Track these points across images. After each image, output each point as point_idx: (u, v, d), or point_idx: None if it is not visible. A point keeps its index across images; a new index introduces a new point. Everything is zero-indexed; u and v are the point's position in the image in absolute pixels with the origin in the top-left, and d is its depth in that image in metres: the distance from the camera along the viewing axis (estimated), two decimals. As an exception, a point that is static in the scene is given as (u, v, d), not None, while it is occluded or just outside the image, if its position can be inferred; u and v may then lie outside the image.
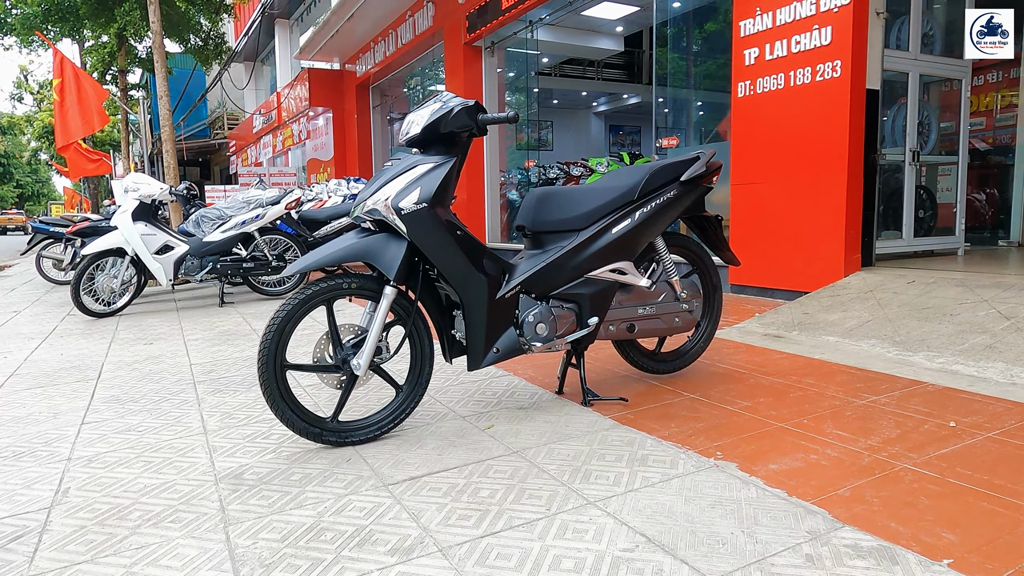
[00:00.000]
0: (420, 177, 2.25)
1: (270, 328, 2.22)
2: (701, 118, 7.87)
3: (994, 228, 7.70)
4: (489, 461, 2.16)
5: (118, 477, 2.18)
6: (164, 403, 3.02)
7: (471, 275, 2.35)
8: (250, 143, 20.70)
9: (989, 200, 7.78)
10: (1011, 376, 2.78)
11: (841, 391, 2.75)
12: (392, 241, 2.30)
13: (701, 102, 7.77)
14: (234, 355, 3.98)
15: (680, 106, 8.15)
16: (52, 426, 2.75)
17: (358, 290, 2.33)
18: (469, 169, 9.81)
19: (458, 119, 2.27)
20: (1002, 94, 7.78)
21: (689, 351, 3.06)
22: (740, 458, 2.10)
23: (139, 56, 14.40)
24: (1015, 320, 3.29)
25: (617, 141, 18.65)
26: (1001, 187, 7.71)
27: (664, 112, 8.41)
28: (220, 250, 5.87)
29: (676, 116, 8.40)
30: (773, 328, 3.96)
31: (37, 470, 2.27)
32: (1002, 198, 7.55)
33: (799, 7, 4.72)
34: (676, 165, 2.76)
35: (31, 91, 29.22)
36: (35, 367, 3.87)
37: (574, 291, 2.59)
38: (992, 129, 8.13)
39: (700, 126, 7.91)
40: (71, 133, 8.40)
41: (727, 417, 2.49)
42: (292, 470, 2.17)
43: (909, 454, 2.07)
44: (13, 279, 9.62)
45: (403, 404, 2.43)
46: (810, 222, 4.77)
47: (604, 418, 2.52)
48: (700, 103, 7.79)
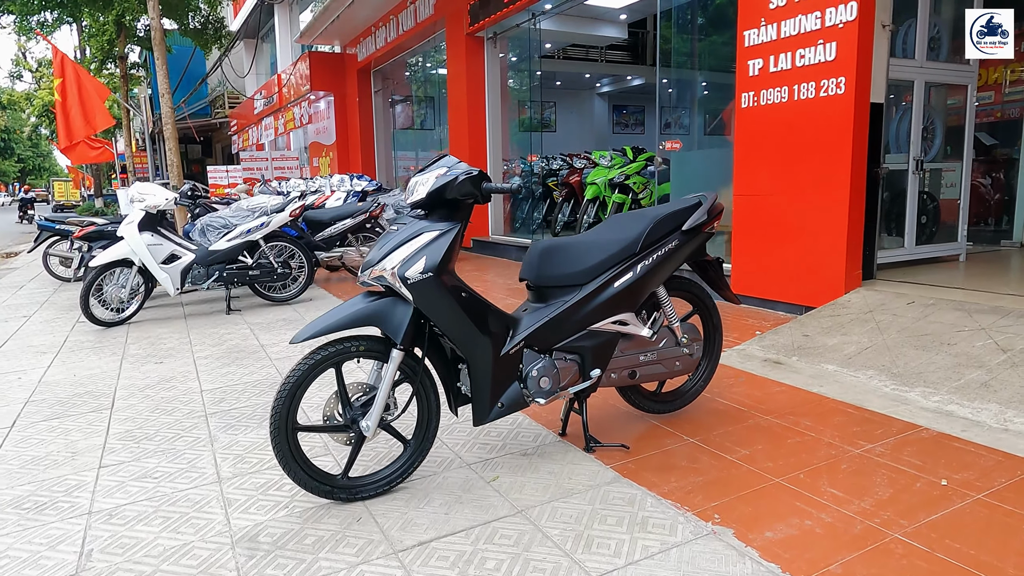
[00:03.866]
0: (425, 246, 2.29)
1: (281, 393, 2.29)
2: (705, 99, 7.82)
3: (998, 223, 7.70)
4: (495, 524, 2.24)
5: (139, 536, 2.27)
6: (178, 441, 3.11)
7: (476, 336, 2.41)
8: (251, 123, 20.57)
9: (991, 202, 7.76)
10: (1004, 420, 2.84)
11: (838, 436, 2.82)
12: (398, 305, 2.35)
13: (705, 83, 7.71)
14: (243, 379, 4.05)
15: (684, 88, 8.11)
16: (71, 469, 2.84)
17: (366, 352, 2.39)
18: (473, 157, 9.80)
19: (462, 187, 2.30)
20: (1011, 68, 7.71)
21: (689, 390, 3.13)
22: (737, 522, 2.17)
23: (138, 35, 14.26)
24: (1011, 354, 3.34)
25: (621, 121, 18.52)
26: (1006, 180, 7.69)
27: (668, 92, 8.37)
28: (226, 259, 5.92)
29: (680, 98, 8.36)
30: (773, 352, 4.01)
31: (60, 527, 2.36)
32: (1007, 192, 7.52)
33: (804, 20, 4.67)
34: (678, 214, 2.79)
35: (29, 68, 28.99)
36: (49, 391, 3.96)
37: (577, 343, 2.64)
38: (1000, 103, 8.09)
39: (704, 108, 7.87)
40: (74, 134, 8.40)
41: (725, 469, 2.56)
42: (305, 531, 2.25)
43: (900, 520, 2.14)
44: (20, 273, 9.69)
45: (411, 459, 2.51)
46: (812, 237, 4.79)
47: (606, 468, 2.60)
48: (704, 83, 7.74)
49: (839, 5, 4.44)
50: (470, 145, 9.80)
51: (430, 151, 13.76)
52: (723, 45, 6.35)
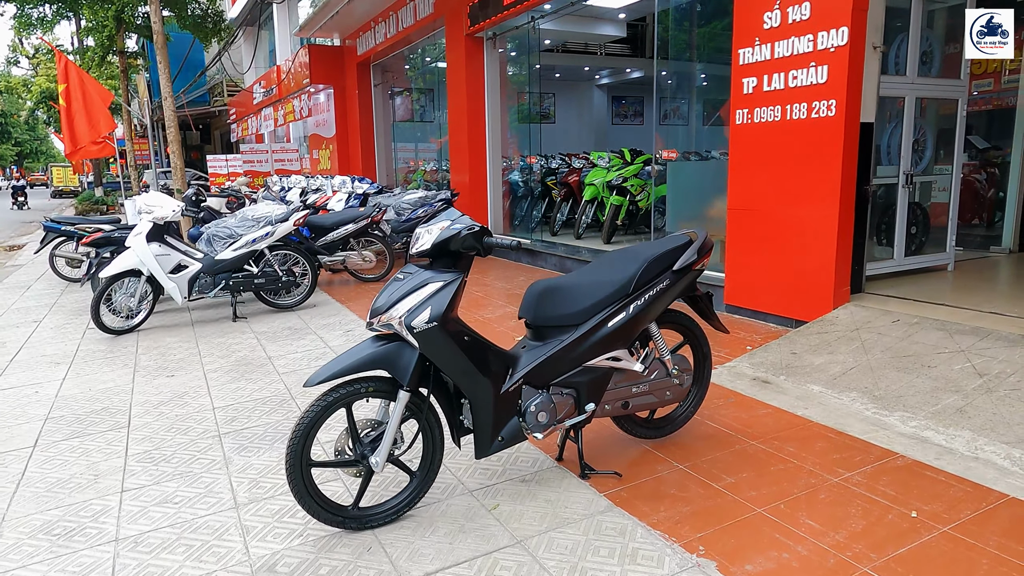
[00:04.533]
0: (430, 297, 2.44)
1: (296, 432, 2.45)
2: (703, 90, 7.93)
3: (989, 225, 7.85)
4: (495, 554, 2.41)
5: (164, 565, 2.44)
6: (194, 463, 3.28)
7: (477, 377, 2.57)
8: (250, 113, 20.58)
9: (983, 202, 7.90)
10: (975, 448, 3.02)
11: (818, 464, 2.99)
12: (405, 350, 2.51)
13: (704, 75, 7.81)
14: (253, 395, 4.22)
15: (682, 81, 8.21)
16: (95, 493, 3.01)
17: (375, 393, 2.55)
18: (471, 154, 9.91)
19: (465, 241, 2.45)
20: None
21: (680, 416, 3.30)
22: (720, 554, 2.35)
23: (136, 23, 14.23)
24: (987, 378, 3.51)
25: (620, 112, 18.56)
26: (997, 186, 7.82)
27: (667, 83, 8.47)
28: (232, 268, 6.07)
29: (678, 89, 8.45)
30: (762, 370, 4.18)
31: (90, 555, 2.53)
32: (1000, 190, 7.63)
33: (797, 42, 4.78)
34: (669, 254, 2.94)
35: (27, 55, 28.86)
36: (67, 407, 4.13)
37: (573, 379, 2.80)
38: (999, 91, 8.21)
39: (702, 99, 7.97)
40: (79, 139, 8.49)
41: (712, 498, 2.74)
42: (320, 561, 2.42)
43: (871, 554, 2.32)
44: (26, 272, 9.83)
45: (417, 489, 2.68)
46: (802, 253, 4.93)
47: (600, 497, 2.77)
48: (703, 76, 7.83)
49: (831, 29, 4.55)
50: (469, 146, 9.90)
51: (429, 142, 13.85)
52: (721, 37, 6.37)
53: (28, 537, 2.67)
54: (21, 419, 3.98)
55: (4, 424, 3.91)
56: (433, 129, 13.30)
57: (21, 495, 3.03)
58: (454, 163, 10.50)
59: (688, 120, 8.81)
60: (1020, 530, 2.44)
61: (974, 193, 7.85)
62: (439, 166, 12.96)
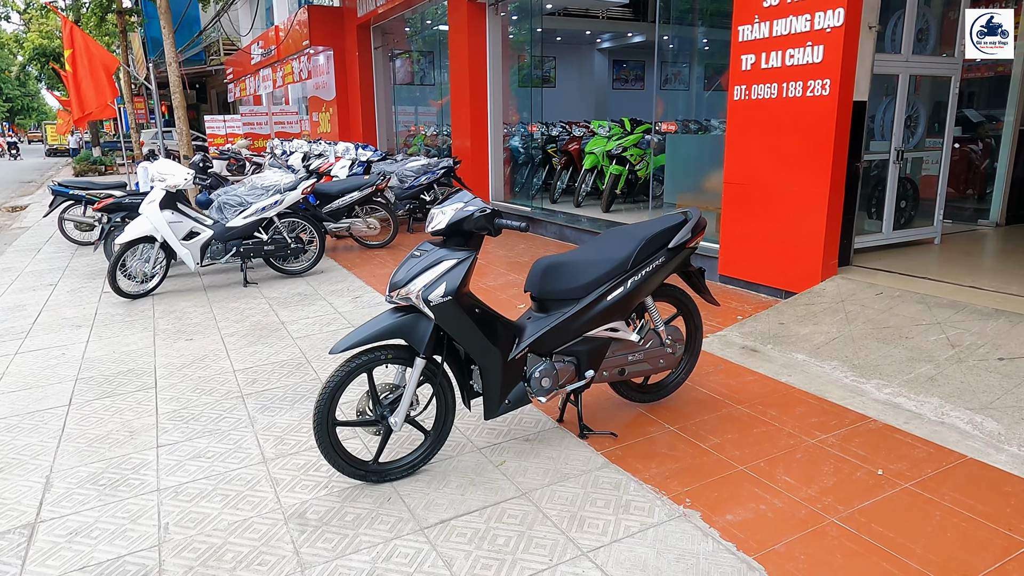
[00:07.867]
0: (445, 273, 2.66)
1: (323, 395, 2.70)
2: (704, 55, 8.03)
3: (980, 199, 8.03)
4: (503, 504, 2.69)
5: (205, 512, 2.71)
6: (221, 422, 3.54)
7: (487, 346, 2.81)
8: (248, 73, 20.43)
9: (976, 174, 8.07)
10: (942, 414, 3.29)
11: (797, 427, 3.26)
12: (421, 321, 2.74)
13: (706, 40, 7.90)
14: (271, 358, 4.47)
15: (683, 45, 8.30)
16: (133, 448, 3.27)
17: (394, 359, 2.79)
18: (473, 120, 10.00)
19: (478, 222, 2.66)
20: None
21: (672, 383, 3.56)
22: (704, 506, 2.63)
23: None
24: (959, 349, 3.77)
25: (620, 76, 18.50)
26: (991, 157, 7.98)
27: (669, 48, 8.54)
28: (242, 235, 6.26)
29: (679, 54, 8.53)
30: (751, 339, 4.43)
31: (135, 502, 2.80)
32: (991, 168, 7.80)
33: (795, 21, 4.91)
34: (665, 233, 3.15)
35: (17, 10, 28.37)
36: (95, 369, 4.37)
37: (574, 348, 3.05)
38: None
39: (703, 63, 8.07)
40: (86, 105, 8.56)
41: (699, 457, 3.01)
42: (345, 509, 2.70)
43: (838, 506, 2.60)
44: (33, 235, 9.98)
45: (431, 446, 2.95)
46: (793, 227, 5.15)
47: (597, 455, 3.04)
48: (704, 41, 7.93)
49: (827, 10, 4.68)
50: (471, 111, 9.98)
51: (429, 104, 13.88)
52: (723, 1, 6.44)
53: (77, 487, 2.94)
54: (52, 379, 4.22)
55: (37, 384, 4.16)
56: (433, 92, 13.31)
57: (64, 449, 3.29)
58: (456, 129, 10.60)
59: (689, 85, 8.90)
60: (973, 487, 2.72)
61: (968, 164, 8.01)
62: (439, 130, 13.03)
